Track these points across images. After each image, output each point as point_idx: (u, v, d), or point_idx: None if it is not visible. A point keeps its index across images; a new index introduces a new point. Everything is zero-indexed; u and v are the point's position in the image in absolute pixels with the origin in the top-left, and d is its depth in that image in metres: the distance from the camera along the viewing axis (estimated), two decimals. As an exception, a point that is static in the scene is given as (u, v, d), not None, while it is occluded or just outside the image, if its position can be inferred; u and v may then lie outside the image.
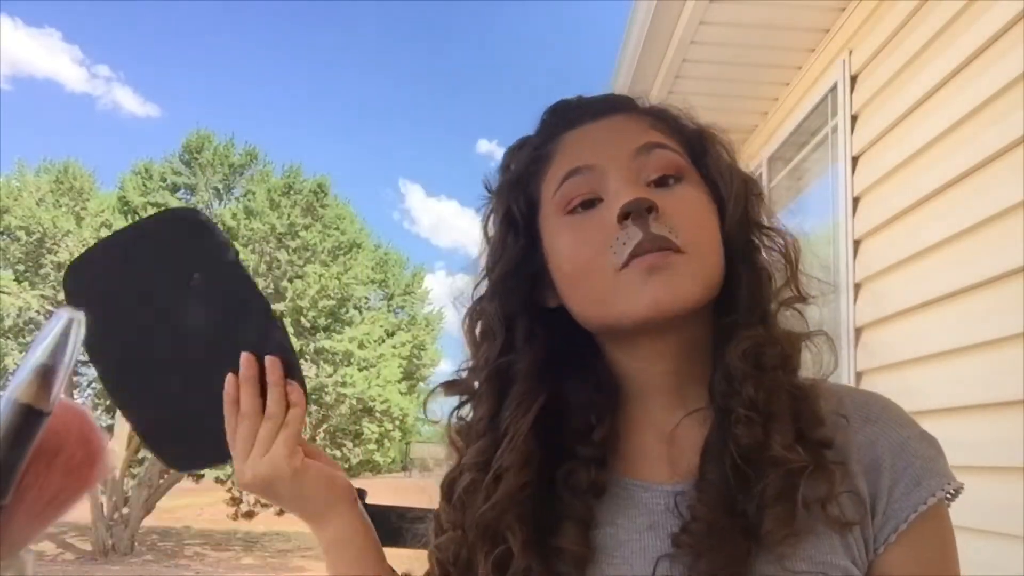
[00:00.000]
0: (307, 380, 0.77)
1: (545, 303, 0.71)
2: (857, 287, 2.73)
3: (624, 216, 0.62)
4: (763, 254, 0.69)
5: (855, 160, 2.80)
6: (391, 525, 0.91)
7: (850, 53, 2.86)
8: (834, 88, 2.98)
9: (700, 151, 0.70)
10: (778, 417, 0.60)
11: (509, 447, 0.65)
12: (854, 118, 2.84)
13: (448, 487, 0.69)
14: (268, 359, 0.74)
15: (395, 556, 0.91)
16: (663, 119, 0.71)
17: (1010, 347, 1.91)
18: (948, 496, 0.64)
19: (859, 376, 2.63)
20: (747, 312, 0.65)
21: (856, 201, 2.77)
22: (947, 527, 0.65)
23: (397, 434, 17.72)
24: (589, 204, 0.65)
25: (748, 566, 0.59)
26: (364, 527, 0.77)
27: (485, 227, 0.74)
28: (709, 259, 0.63)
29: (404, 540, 0.76)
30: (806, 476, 0.59)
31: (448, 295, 0.77)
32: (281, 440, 0.72)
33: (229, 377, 0.73)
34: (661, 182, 0.65)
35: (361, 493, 1.00)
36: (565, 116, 0.72)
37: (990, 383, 1.98)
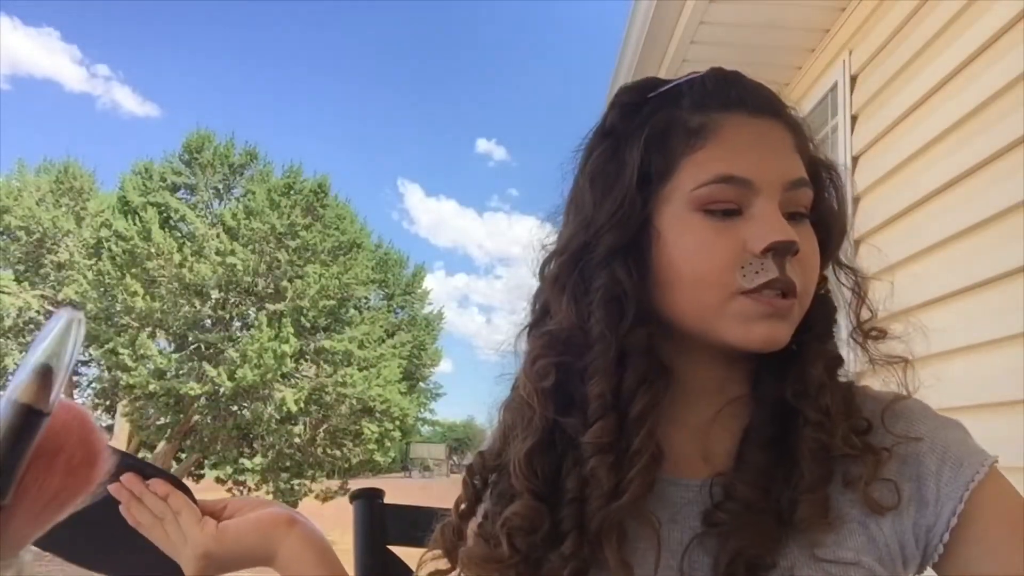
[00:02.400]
0: (307, 380, 0.78)
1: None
2: (857, 287, 2.73)
3: (770, 249, 0.63)
4: (831, 281, 0.73)
5: (855, 160, 2.80)
6: (410, 524, 0.92)
7: (850, 53, 2.86)
8: (834, 88, 2.98)
9: (818, 184, 0.71)
10: (838, 417, 0.65)
11: (645, 431, 0.63)
12: (854, 118, 2.84)
13: (531, 457, 0.66)
14: (122, 478, 0.81)
15: (409, 555, 0.92)
16: (802, 139, 0.70)
17: (1010, 347, 1.91)
18: (992, 465, 0.66)
19: (859, 376, 2.63)
20: (820, 332, 0.69)
21: (856, 201, 2.78)
22: (1005, 486, 0.66)
23: (397, 434, 17.72)
24: (728, 213, 0.64)
25: (778, 551, 0.61)
26: (307, 542, 0.79)
27: (592, 161, 0.69)
28: (808, 303, 0.67)
29: (420, 539, 0.77)
30: (853, 459, 0.63)
31: (529, 240, 0.73)
32: (184, 525, 0.79)
33: (120, 510, 0.81)
34: (794, 215, 0.67)
35: (379, 492, 1.01)
36: (726, 92, 0.68)
37: (990, 383, 1.98)
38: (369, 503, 0.99)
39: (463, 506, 0.72)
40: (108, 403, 15.16)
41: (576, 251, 0.67)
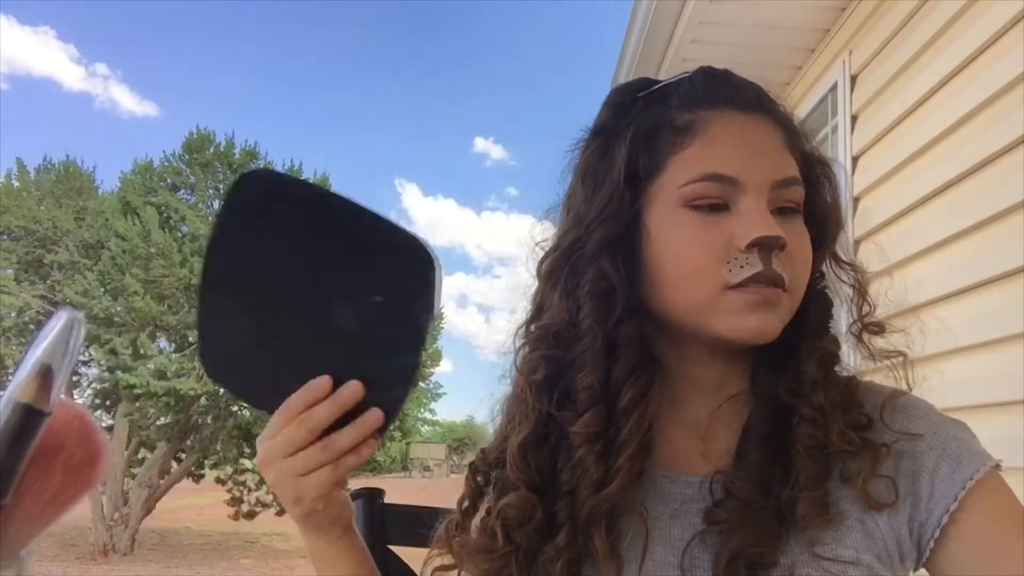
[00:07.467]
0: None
1: None
2: (857, 287, 2.73)
3: (754, 245, 0.62)
4: (829, 277, 0.72)
5: (855, 160, 2.80)
6: (410, 524, 0.92)
7: (850, 53, 2.86)
8: (834, 88, 2.98)
9: (812, 179, 0.70)
10: (834, 413, 0.64)
11: (633, 421, 0.64)
12: (854, 118, 2.84)
13: (524, 449, 0.66)
14: (375, 412, 0.63)
15: (411, 554, 0.92)
16: (794, 136, 0.70)
17: (1010, 347, 1.91)
18: (993, 468, 0.64)
19: (859, 375, 2.63)
20: (816, 328, 0.68)
21: (856, 201, 2.78)
22: (1003, 490, 0.64)
23: (397, 434, 17.70)
24: (715, 208, 0.64)
25: (779, 548, 0.61)
26: (359, 554, 0.73)
27: (584, 159, 0.71)
28: (799, 297, 0.67)
29: (421, 539, 0.77)
30: (852, 455, 0.63)
31: (524, 237, 0.74)
32: (327, 474, 0.64)
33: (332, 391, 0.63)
34: (783, 210, 0.66)
35: (379, 492, 1.01)
36: (715, 89, 0.68)
37: (991, 383, 1.98)
38: (369, 503, 0.99)
39: (466, 503, 0.73)
40: (108, 403, 15.14)
41: (568, 247, 0.69)
